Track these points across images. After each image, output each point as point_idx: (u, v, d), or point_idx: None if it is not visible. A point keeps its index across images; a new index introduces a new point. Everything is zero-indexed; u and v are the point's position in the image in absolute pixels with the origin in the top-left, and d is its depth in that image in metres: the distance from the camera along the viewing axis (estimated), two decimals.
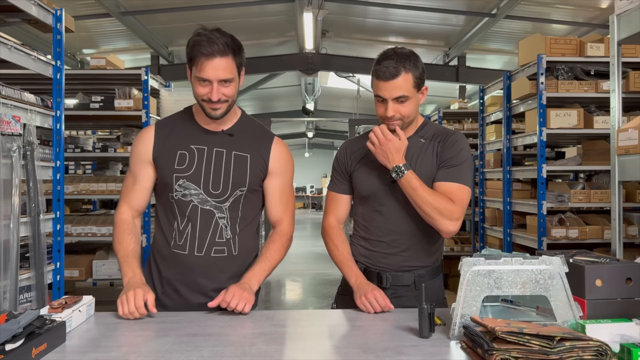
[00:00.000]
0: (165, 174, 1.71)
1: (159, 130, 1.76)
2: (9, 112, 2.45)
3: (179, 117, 1.79)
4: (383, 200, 1.79)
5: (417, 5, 7.41)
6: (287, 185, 1.82)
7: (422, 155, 1.78)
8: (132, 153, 1.78)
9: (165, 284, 1.73)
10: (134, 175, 1.76)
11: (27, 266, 2.67)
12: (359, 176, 1.84)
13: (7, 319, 1.24)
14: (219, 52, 1.57)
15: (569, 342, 1.12)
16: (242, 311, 1.56)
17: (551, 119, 3.97)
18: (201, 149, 1.71)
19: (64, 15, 2.99)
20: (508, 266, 1.35)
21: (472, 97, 11.03)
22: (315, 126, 19.38)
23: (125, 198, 1.77)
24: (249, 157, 1.73)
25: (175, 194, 1.69)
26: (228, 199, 1.70)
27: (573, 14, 7.20)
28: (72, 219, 4.43)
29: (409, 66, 1.68)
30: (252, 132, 1.78)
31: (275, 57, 9.77)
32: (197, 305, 1.68)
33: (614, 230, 2.29)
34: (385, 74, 1.67)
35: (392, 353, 1.25)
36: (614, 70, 2.30)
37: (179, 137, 1.73)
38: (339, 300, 1.93)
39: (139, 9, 7.21)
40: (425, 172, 1.75)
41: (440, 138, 1.79)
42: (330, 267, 9.01)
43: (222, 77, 1.60)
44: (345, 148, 1.93)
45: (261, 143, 1.77)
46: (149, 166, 1.73)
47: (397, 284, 1.79)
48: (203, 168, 1.69)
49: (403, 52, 1.70)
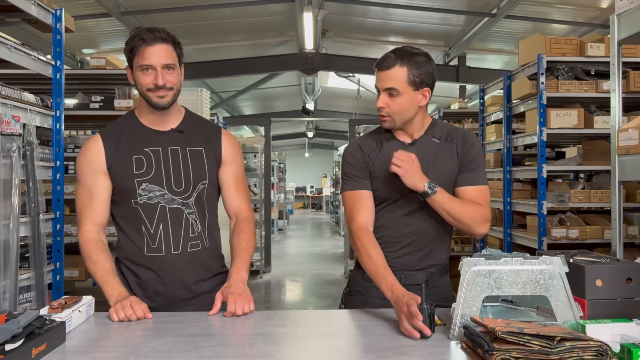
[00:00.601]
0: (125, 181, 1.69)
1: (107, 138, 1.73)
2: (8, 112, 2.44)
3: (124, 123, 1.78)
4: (398, 203, 1.78)
5: (417, 5, 7.40)
6: (240, 173, 1.86)
7: (440, 156, 1.78)
8: (80, 167, 1.72)
9: (144, 287, 1.72)
10: (88, 189, 1.71)
11: (27, 266, 2.67)
12: (378, 178, 1.79)
13: (6, 319, 1.24)
14: (160, 39, 1.62)
15: (569, 342, 1.12)
16: (249, 311, 1.59)
17: (551, 119, 3.97)
18: (156, 150, 1.72)
19: (63, 15, 2.99)
20: (508, 266, 1.35)
21: (472, 97, 11.02)
22: (315, 126, 19.37)
23: (86, 215, 1.71)
24: (204, 150, 1.77)
25: (140, 198, 1.69)
26: (192, 194, 1.73)
27: (573, 14, 7.19)
28: (72, 219, 4.43)
29: (407, 62, 1.70)
30: (200, 126, 1.82)
31: (275, 57, 9.76)
32: (182, 301, 1.71)
33: (614, 230, 2.29)
34: (381, 64, 1.72)
35: (392, 353, 1.25)
36: (614, 70, 2.30)
37: (130, 142, 1.72)
38: (347, 300, 1.91)
39: (139, 9, 7.20)
40: (445, 173, 1.76)
41: (457, 139, 1.79)
42: (330, 267, 9.03)
43: (165, 62, 1.63)
44: (359, 146, 1.84)
45: (211, 135, 1.81)
46: (104, 176, 1.70)
47: (410, 283, 1.76)
48: (162, 168, 1.70)
49: (410, 50, 1.73)
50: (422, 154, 1.75)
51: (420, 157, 1.73)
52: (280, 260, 9.19)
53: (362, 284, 1.85)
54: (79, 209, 1.73)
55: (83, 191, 1.72)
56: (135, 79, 1.67)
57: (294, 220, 18.09)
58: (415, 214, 1.77)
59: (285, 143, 21.97)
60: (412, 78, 1.70)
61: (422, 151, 1.76)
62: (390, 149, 1.78)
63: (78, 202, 1.73)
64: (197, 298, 1.74)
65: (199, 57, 9.12)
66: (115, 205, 1.75)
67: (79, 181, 1.73)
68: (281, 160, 14.64)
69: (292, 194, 18.97)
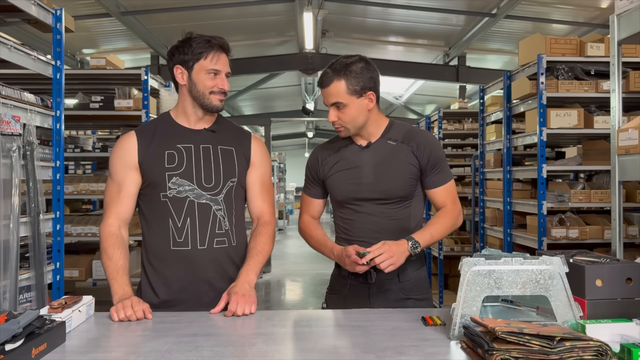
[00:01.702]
0: (156, 175, 1.73)
1: (141, 135, 1.79)
2: (8, 112, 2.44)
3: (158, 122, 1.84)
4: (358, 203, 1.87)
5: (417, 5, 7.41)
6: (267, 177, 1.89)
7: (396, 158, 1.85)
8: (113, 161, 1.78)
9: (169, 284, 1.74)
10: (117, 183, 1.76)
11: (27, 266, 2.67)
12: (332, 182, 1.91)
13: (7, 319, 1.24)
14: (227, 50, 1.78)
15: (569, 342, 1.12)
16: (250, 313, 1.59)
17: (551, 119, 3.97)
18: (188, 147, 1.77)
19: (63, 15, 2.99)
20: (508, 266, 1.35)
21: (472, 97, 11.02)
22: (315, 126, 19.37)
23: (112, 209, 1.76)
24: (234, 149, 1.81)
25: (169, 192, 1.72)
26: (222, 190, 1.76)
27: (573, 14, 7.20)
28: (72, 219, 4.43)
29: (343, 74, 1.78)
30: (231, 129, 1.88)
31: (275, 57, 9.77)
32: (207, 298, 1.72)
33: (614, 230, 2.29)
34: (321, 82, 1.82)
35: (392, 353, 1.25)
36: (614, 70, 2.30)
37: (163, 139, 1.77)
38: (328, 299, 1.99)
39: (139, 8, 7.21)
40: (400, 172, 1.84)
41: (413, 142, 1.86)
42: (330, 267, 8.99)
43: (228, 70, 1.79)
44: (316, 156, 1.99)
45: (242, 138, 1.87)
46: (134, 171, 1.75)
47: (382, 277, 1.83)
48: (193, 164, 1.75)
49: (344, 61, 1.80)
50: (377, 156, 1.85)
51: (376, 160, 1.85)
52: (280, 260, 9.19)
53: (340, 281, 1.93)
54: (106, 202, 1.78)
55: (112, 185, 1.77)
56: (197, 80, 1.75)
57: (294, 220, 18.09)
58: (374, 214, 1.85)
59: (285, 143, 21.97)
60: (351, 88, 1.78)
61: (377, 154, 1.86)
62: (346, 153, 1.90)
63: (106, 195, 1.78)
64: (221, 295, 1.74)
65: None
66: (143, 200, 1.79)
67: (110, 175, 1.78)
68: (281, 160, 14.66)
69: (292, 194, 18.97)
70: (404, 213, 1.86)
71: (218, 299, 1.70)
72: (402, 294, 1.85)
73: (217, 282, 1.74)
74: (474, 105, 8.45)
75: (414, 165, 1.85)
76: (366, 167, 1.85)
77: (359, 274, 1.83)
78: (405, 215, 1.86)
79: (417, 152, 1.84)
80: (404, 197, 1.85)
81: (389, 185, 1.83)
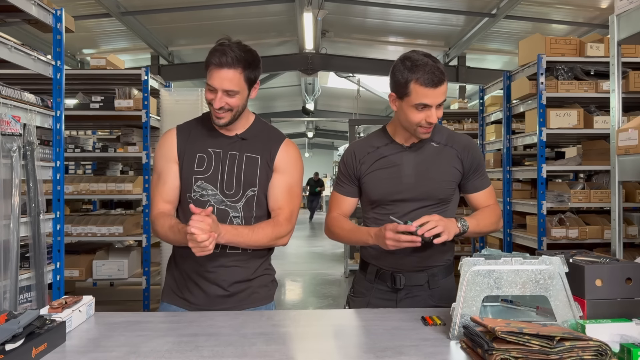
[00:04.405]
0: (185, 175, 1.77)
1: (180, 132, 1.83)
2: (9, 112, 2.44)
3: (197, 121, 1.86)
4: (396, 204, 1.80)
5: (417, 5, 7.41)
6: (293, 184, 1.80)
7: (437, 160, 1.80)
8: (157, 155, 1.83)
9: (186, 278, 1.77)
10: (162, 176, 1.80)
11: (27, 266, 2.67)
12: (369, 181, 1.83)
13: (7, 319, 1.24)
14: (227, 64, 1.65)
15: (568, 342, 1.12)
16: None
17: (551, 119, 3.97)
18: (217, 152, 1.78)
19: (64, 15, 2.99)
20: (508, 266, 1.35)
21: (472, 97, 11.03)
22: (315, 126, 19.38)
23: (156, 196, 1.79)
24: (260, 158, 1.78)
25: (193, 194, 1.75)
26: (241, 199, 1.75)
27: (573, 14, 7.20)
28: (72, 219, 4.43)
29: (445, 76, 1.73)
30: (263, 134, 1.82)
31: (275, 57, 9.77)
32: (218, 298, 1.73)
33: (614, 230, 2.29)
34: (438, 81, 1.69)
35: (392, 353, 1.25)
36: (614, 70, 2.30)
37: (198, 139, 1.80)
38: (351, 302, 1.93)
39: (139, 9, 7.21)
40: (444, 175, 1.79)
41: (457, 145, 1.82)
42: (330, 267, 9.04)
43: (226, 88, 1.67)
44: (352, 152, 1.89)
45: (272, 143, 1.81)
46: (175, 165, 1.79)
47: (411, 284, 1.79)
48: (219, 170, 1.76)
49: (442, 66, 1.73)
50: (419, 157, 1.80)
51: (418, 160, 1.79)
52: (280, 260, 9.19)
53: (365, 285, 1.87)
54: (152, 194, 1.82)
55: (156, 178, 1.81)
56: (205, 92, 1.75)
57: None
58: (411, 216, 1.77)
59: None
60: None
61: (420, 154, 1.80)
62: (386, 151, 1.83)
63: (151, 189, 1.83)
64: (232, 297, 1.74)
65: (199, 57, 9.11)
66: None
67: (154, 168, 1.83)
68: None
69: None
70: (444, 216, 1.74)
71: (231, 299, 1.73)
72: (431, 301, 1.79)
73: (228, 285, 1.73)
74: (474, 105, 8.45)
75: (457, 168, 1.80)
76: (407, 167, 1.79)
77: (387, 278, 1.80)
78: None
79: (461, 155, 1.80)
80: (443, 200, 1.80)
81: (430, 186, 1.77)
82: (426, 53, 1.71)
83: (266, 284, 1.82)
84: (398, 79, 1.70)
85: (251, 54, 1.69)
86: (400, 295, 1.81)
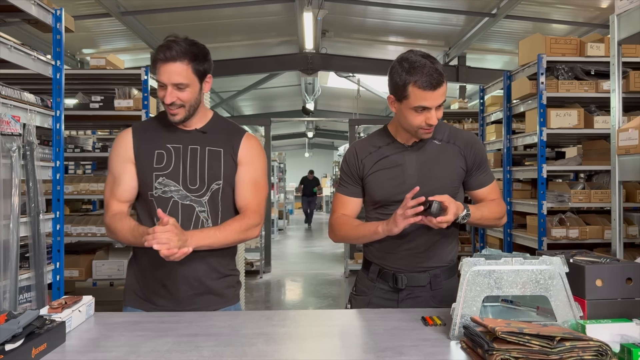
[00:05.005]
0: (144, 173, 1.75)
1: (136, 132, 1.80)
2: (8, 112, 2.44)
3: (154, 120, 1.85)
4: (397, 204, 1.76)
5: (417, 5, 7.40)
6: (258, 175, 1.81)
7: (440, 158, 1.78)
8: (113, 157, 1.80)
9: (151, 281, 1.74)
10: (117, 177, 1.77)
11: (27, 266, 2.67)
12: (372, 181, 1.82)
13: (7, 319, 1.24)
14: (172, 58, 1.64)
15: (569, 342, 1.12)
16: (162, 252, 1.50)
17: (551, 119, 3.97)
18: (177, 147, 1.76)
19: (63, 15, 2.99)
20: (508, 266, 1.35)
21: (472, 97, 11.02)
22: (315, 126, 19.37)
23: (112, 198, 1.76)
24: (222, 151, 1.78)
25: (155, 191, 1.73)
26: (206, 193, 1.75)
27: (573, 14, 7.19)
28: (72, 219, 4.43)
29: (444, 78, 1.69)
30: (224, 129, 1.83)
31: (275, 57, 9.76)
32: (186, 298, 1.72)
33: (614, 230, 2.29)
34: (437, 83, 1.66)
35: (392, 353, 1.25)
36: (614, 70, 2.30)
37: (155, 137, 1.78)
38: (353, 300, 1.92)
39: (139, 9, 7.20)
40: (447, 173, 1.77)
41: (459, 141, 1.80)
42: (330, 267, 9.03)
43: (175, 82, 1.65)
44: (355, 151, 1.87)
45: (233, 137, 1.81)
46: (132, 166, 1.77)
47: (413, 284, 1.79)
48: (181, 165, 1.74)
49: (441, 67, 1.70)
50: (422, 156, 1.77)
51: (421, 159, 1.76)
52: (280, 260, 9.19)
53: (367, 284, 1.87)
54: (105, 196, 1.79)
55: (111, 180, 1.79)
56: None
57: (294, 220, 18.09)
58: None
59: (285, 143, 21.97)
60: None
61: (422, 153, 1.78)
62: (388, 151, 1.81)
63: (105, 190, 1.79)
64: (201, 297, 1.74)
65: None
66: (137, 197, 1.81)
67: (109, 170, 1.81)
68: (281, 160, 14.64)
69: (292, 194, 18.96)
70: None
71: (201, 300, 1.72)
72: (432, 302, 1.78)
73: (196, 282, 1.73)
74: (474, 105, 8.44)
75: (461, 166, 1.79)
76: (410, 166, 1.77)
77: (389, 278, 1.79)
78: None
79: (464, 152, 1.79)
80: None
81: (433, 186, 1.73)
82: (424, 53, 1.68)
83: (233, 285, 1.84)
84: (396, 82, 1.68)
85: (197, 46, 1.69)
86: (401, 296, 1.80)
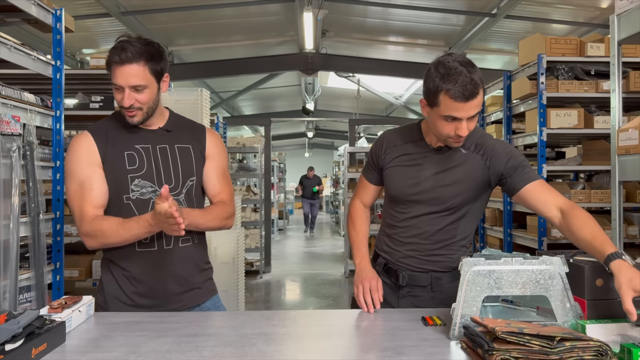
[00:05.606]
0: (118, 176, 1.68)
1: (96, 134, 1.70)
2: (8, 112, 2.44)
3: (109, 121, 1.77)
4: (410, 204, 1.78)
5: (417, 5, 7.40)
6: (224, 168, 1.87)
7: (461, 167, 1.72)
8: (74, 163, 1.66)
9: (136, 283, 1.71)
10: (85, 183, 1.65)
11: (27, 266, 2.67)
12: (389, 175, 1.82)
13: (7, 319, 1.24)
14: (128, 60, 1.60)
15: (569, 342, 1.12)
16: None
17: (551, 119, 3.97)
18: (146, 148, 1.73)
19: (63, 15, 2.99)
20: (508, 266, 1.35)
21: None
22: (315, 126, 19.36)
23: (87, 204, 1.64)
24: (191, 147, 1.80)
25: (132, 194, 1.68)
26: (182, 190, 1.75)
27: (573, 14, 7.19)
28: (71, 219, 4.42)
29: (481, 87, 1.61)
30: (186, 125, 1.86)
31: (275, 57, 9.76)
32: (174, 295, 1.72)
33: (614, 230, 2.29)
34: (470, 94, 1.56)
35: (392, 353, 1.25)
36: (614, 70, 2.30)
37: (120, 138, 1.72)
38: (354, 300, 1.91)
39: (139, 9, 7.20)
40: (457, 183, 1.71)
41: (483, 151, 1.71)
42: (330, 267, 9.03)
43: (132, 84, 1.61)
44: (382, 140, 1.87)
45: (197, 133, 1.85)
46: (99, 169, 1.67)
47: (414, 283, 1.79)
48: (153, 165, 1.72)
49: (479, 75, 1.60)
50: (443, 162, 1.73)
51: (441, 165, 1.73)
52: (280, 260, 9.18)
53: None
54: (75, 205, 1.65)
55: (75, 186, 1.65)
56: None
57: (293, 220, 18.08)
58: (423, 219, 1.76)
59: (285, 143, 21.97)
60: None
61: (444, 158, 1.74)
62: (412, 148, 1.79)
63: (73, 199, 1.65)
64: (189, 292, 1.75)
65: (199, 57, 9.11)
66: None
67: (71, 178, 1.66)
68: (281, 160, 14.63)
69: (292, 194, 18.95)
70: (454, 226, 1.75)
71: (187, 296, 1.73)
72: (432, 303, 1.77)
73: (184, 279, 1.74)
74: None
75: (483, 177, 1.71)
76: (428, 169, 1.74)
77: (392, 274, 1.81)
78: (453, 227, 1.75)
79: (488, 163, 1.70)
80: (452, 208, 1.72)
81: (441, 193, 1.70)
82: (463, 59, 1.57)
83: (210, 277, 1.87)
84: (429, 87, 1.59)
85: (153, 46, 1.65)
86: (402, 292, 1.81)
